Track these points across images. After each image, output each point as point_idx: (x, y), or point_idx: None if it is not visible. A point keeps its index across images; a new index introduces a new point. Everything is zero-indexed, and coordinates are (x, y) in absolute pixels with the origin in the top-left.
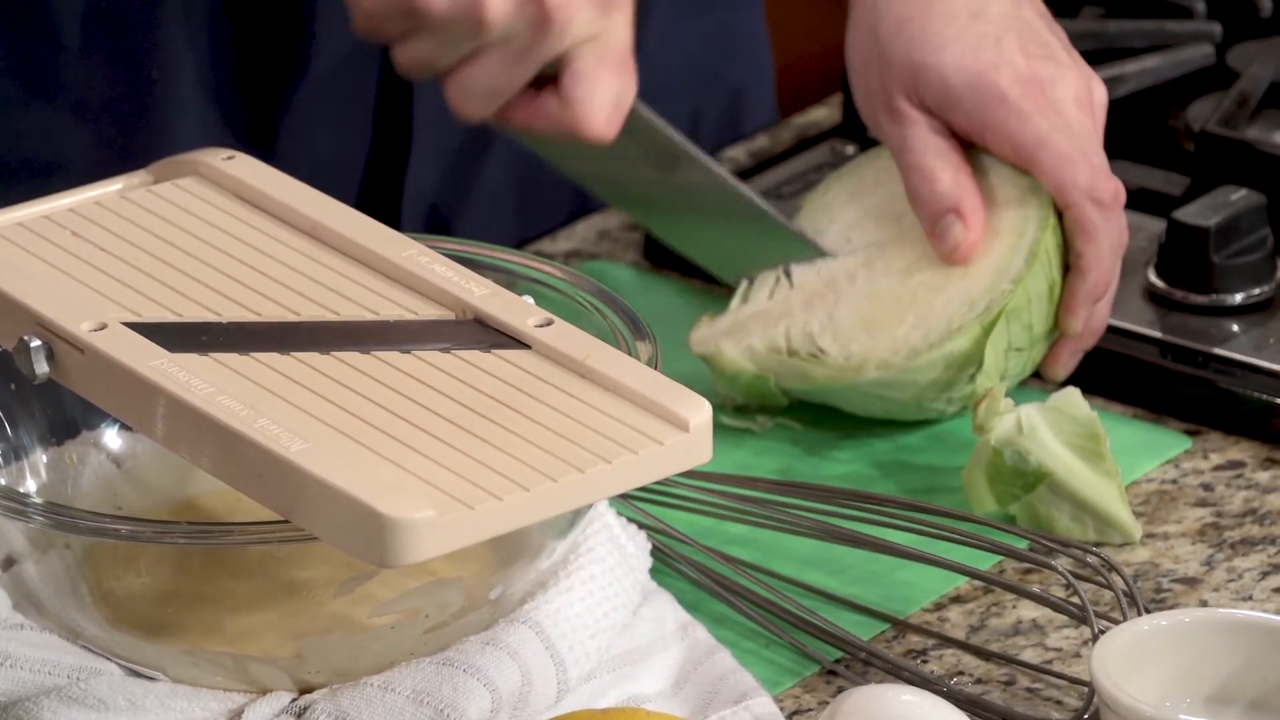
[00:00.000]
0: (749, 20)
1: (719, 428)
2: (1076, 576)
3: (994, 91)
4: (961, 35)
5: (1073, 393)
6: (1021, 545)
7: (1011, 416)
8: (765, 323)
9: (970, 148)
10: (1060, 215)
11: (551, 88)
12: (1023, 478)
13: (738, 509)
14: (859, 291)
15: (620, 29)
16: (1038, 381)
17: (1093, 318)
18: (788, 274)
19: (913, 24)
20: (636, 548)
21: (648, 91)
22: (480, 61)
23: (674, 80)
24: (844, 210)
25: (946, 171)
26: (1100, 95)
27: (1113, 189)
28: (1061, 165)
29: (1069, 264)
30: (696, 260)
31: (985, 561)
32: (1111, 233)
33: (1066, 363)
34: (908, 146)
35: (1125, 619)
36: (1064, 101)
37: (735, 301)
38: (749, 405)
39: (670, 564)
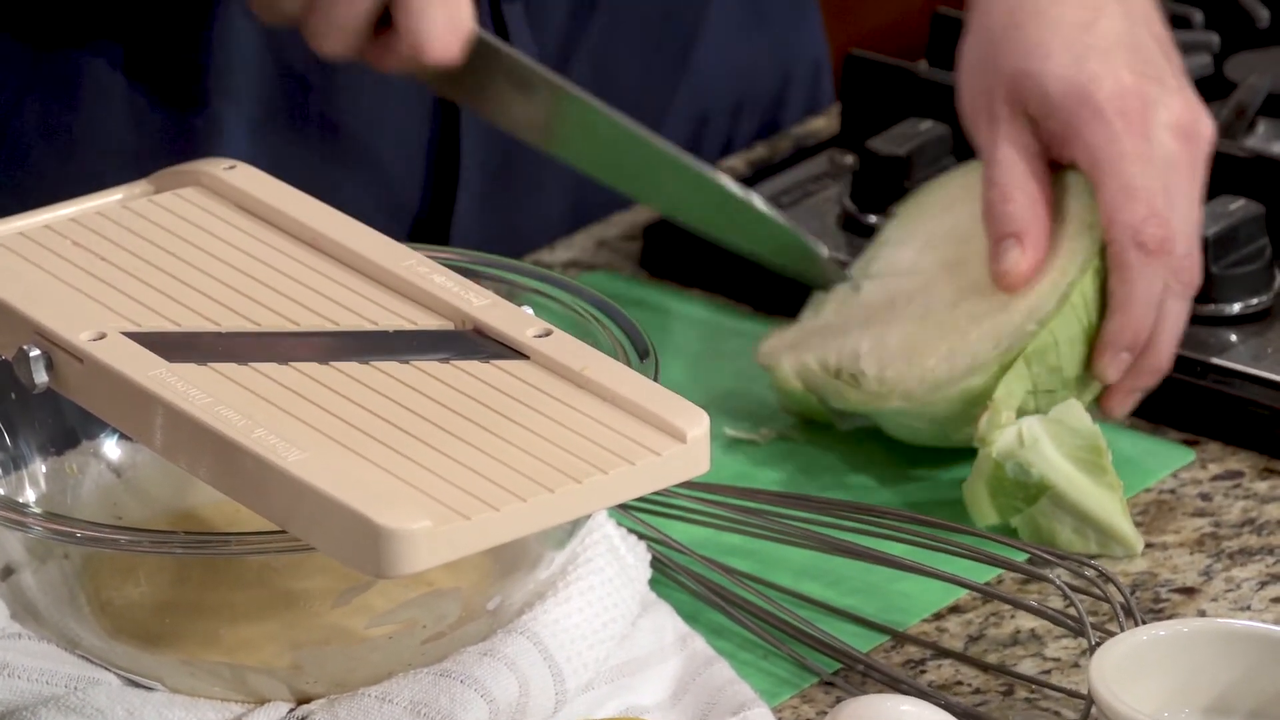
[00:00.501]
0: (809, 29)
1: (720, 439)
2: (1073, 589)
3: (1090, 102)
4: (1069, 45)
5: (1074, 405)
6: (1019, 558)
7: (1013, 429)
8: (825, 338)
9: (1060, 168)
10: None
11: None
12: (1024, 490)
13: (736, 520)
14: (912, 314)
15: None
16: None
17: (1150, 356)
18: (856, 288)
19: (1022, 31)
20: (636, 558)
21: (710, 111)
22: (317, 2)
23: (735, 96)
24: (926, 224)
25: (1023, 194)
26: (1206, 129)
27: (1160, 235)
28: (1120, 196)
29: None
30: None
31: (983, 574)
32: (1149, 279)
33: (1122, 401)
34: (995, 159)
35: (1122, 631)
36: (1160, 126)
37: (807, 313)
38: (811, 420)
39: (669, 574)
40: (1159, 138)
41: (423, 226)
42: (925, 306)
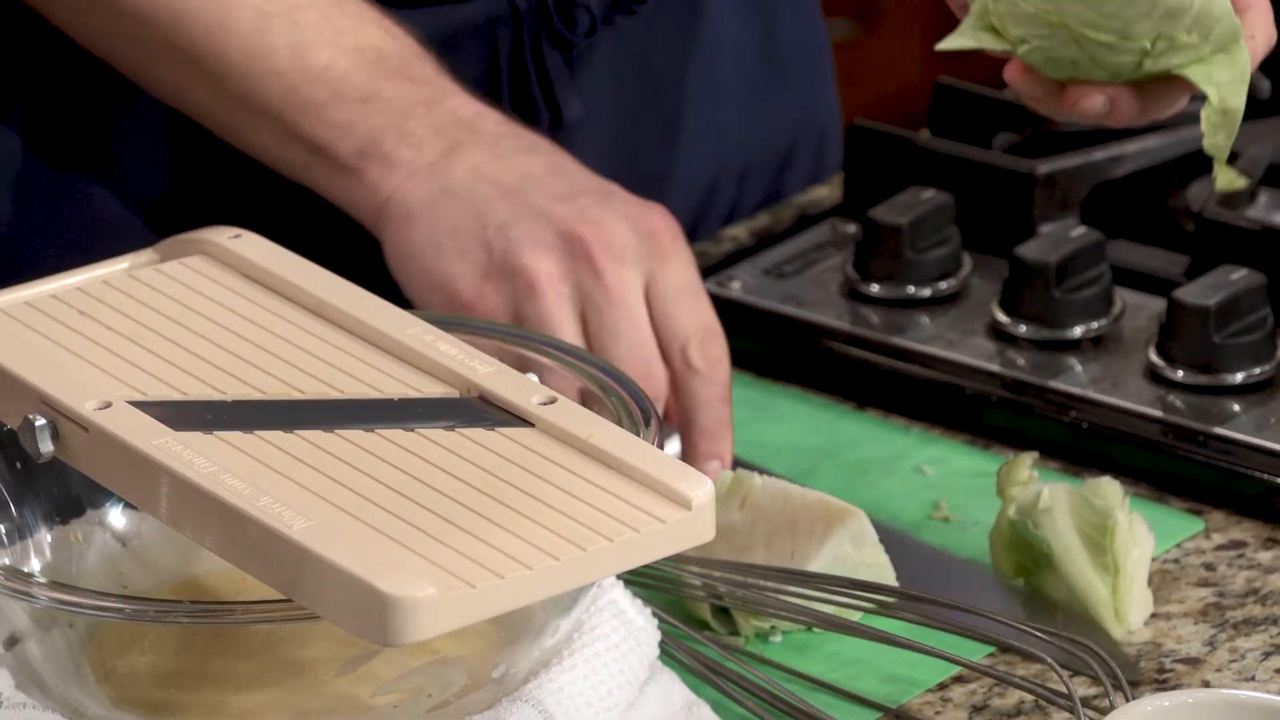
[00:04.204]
0: (826, 97)
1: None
2: (1065, 666)
3: None
4: None
5: (1109, 483)
6: (1014, 638)
7: (1036, 488)
8: None
9: None
10: None
11: None
12: (1032, 551)
13: (732, 594)
14: None
15: (676, 272)
16: (1075, 469)
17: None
18: None
19: None
20: (645, 621)
21: (720, 177)
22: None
23: (743, 162)
24: None
25: None
26: None
27: None
28: None
29: None
30: None
31: (979, 648)
32: None
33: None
34: None
35: (1113, 708)
36: None
37: None
38: None
39: (664, 649)
40: None
41: None
42: None
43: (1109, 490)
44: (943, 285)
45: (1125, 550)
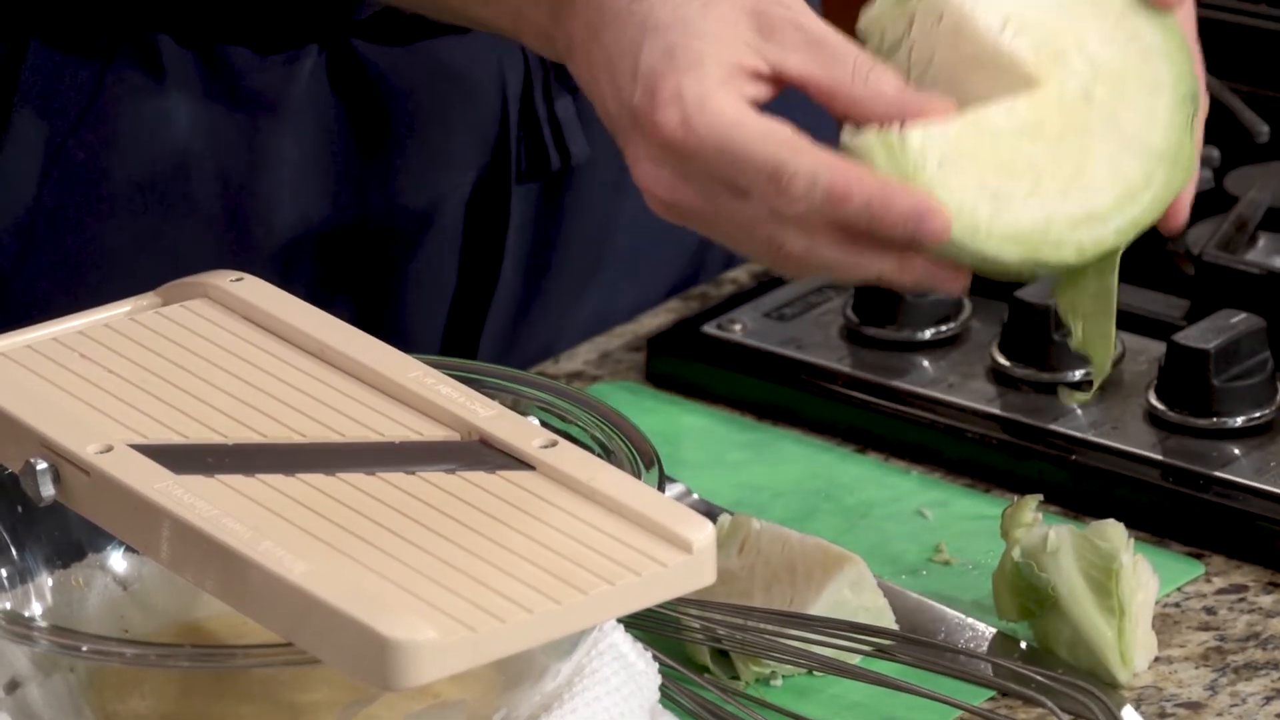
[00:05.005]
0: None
1: None
2: (1066, 710)
3: None
4: None
5: (1113, 526)
6: (1014, 681)
7: (1041, 530)
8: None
9: None
10: None
11: None
12: (1035, 593)
13: (731, 637)
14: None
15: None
16: (1075, 512)
17: None
18: None
19: None
20: (646, 665)
21: None
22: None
23: None
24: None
25: None
26: None
27: None
28: None
29: None
30: None
31: (979, 692)
32: None
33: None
34: None
35: None
36: None
37: None
38: None
39: (663, 691)
40: None
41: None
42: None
43: (1113, 533)
44: (943, 328)
45: (1130, 593)
